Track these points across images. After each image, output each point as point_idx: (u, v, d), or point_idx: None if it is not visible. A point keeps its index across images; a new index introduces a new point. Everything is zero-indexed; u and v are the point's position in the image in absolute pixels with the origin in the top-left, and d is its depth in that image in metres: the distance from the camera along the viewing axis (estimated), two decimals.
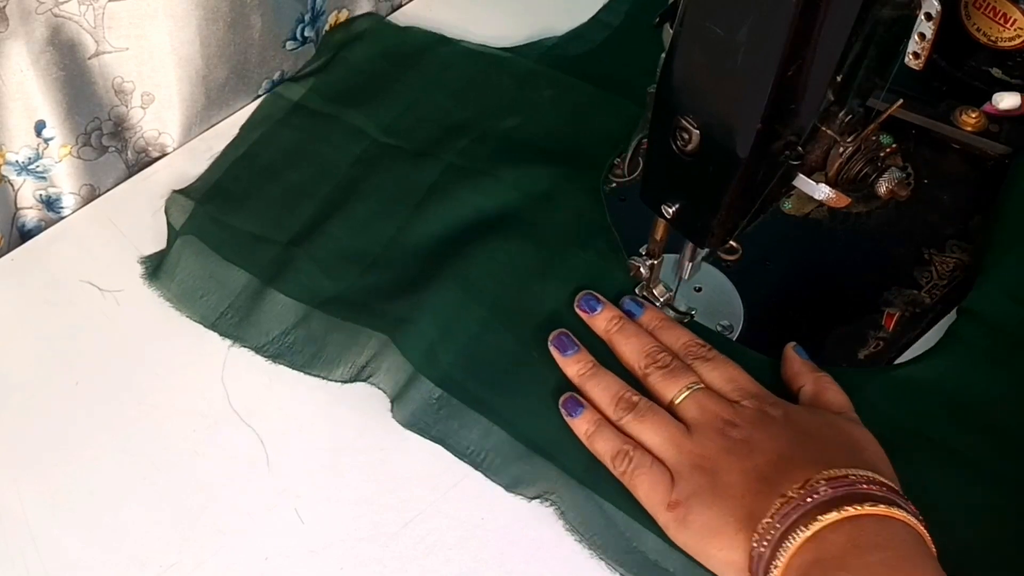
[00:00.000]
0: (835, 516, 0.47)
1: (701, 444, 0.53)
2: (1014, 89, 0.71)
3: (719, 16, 0.46)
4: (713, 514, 0.51)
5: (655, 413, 0.56)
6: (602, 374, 0.59)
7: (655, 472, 0.54)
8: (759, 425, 0.53)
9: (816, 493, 0.48)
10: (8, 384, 0.62)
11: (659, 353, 0.58)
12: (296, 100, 0.76)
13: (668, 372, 0.57)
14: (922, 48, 0.49)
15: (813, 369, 0.58)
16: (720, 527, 0.50)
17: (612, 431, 0.56)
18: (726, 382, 0.56)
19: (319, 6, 0.77)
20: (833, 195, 0.53)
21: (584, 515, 0.56)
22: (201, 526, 0.56)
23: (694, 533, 0.51)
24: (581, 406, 0.57)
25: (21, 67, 0.62)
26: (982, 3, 0.71)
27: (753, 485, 0.50)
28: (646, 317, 0.61)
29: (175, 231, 0.67)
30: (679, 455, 0.54)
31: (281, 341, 0.63)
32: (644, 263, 0.62)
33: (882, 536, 0.47)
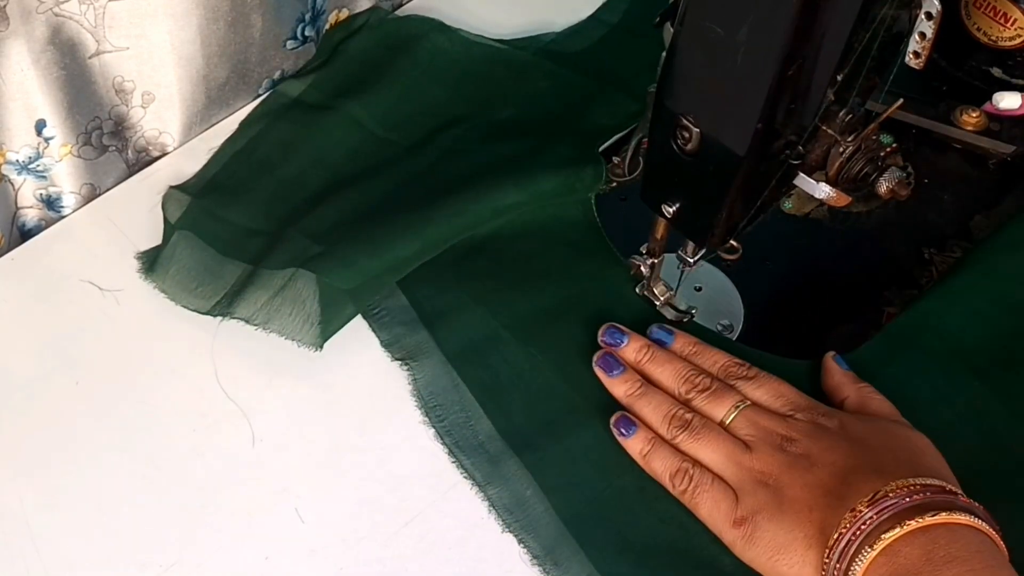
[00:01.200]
0: (906, 529, 0.46)
1: (761, 460, 0.52)
2: (1014, 89, 0.71)
3: (719, 15, 0.46)
4: (781, 530, 0.50)
5: (711, 430, 0.54)
6: (652, 392, 0.57)
7: (717, 490, 0.53)
8: (816, 437, 0.52)
9: (886, 506, 0.47)
10: (8, 384, 0.62)
11: (697, 377, 0.57)
12: (295, 96, 0.76)
13: (711, 394, 0.56)
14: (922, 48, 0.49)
15: (855, 380, 0.57)
16: (789, 543, 0.50)
17: (669, 449, 0.55)
18: (774, 398, 0.55)
19: (319, 5, 0.77)
20: (833, 194, 0.53)
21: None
22: (201, 526, 0.56)
23: (763, 550, 0.50)
24: (634, 425, 0.56)
25: (22, 66, 0.62)
26: (982, 3, 0.71)
27: (820, 499, 0.50)
28: (678, 344, 0.60)
29: (171, 226, 0.67)
30: (740, 471, 0.53)
31: (269, 306, 0.62)
32: (644, 262, 0.62)
33: (956, 547, 0.46)
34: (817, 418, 0.54)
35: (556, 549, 0.55)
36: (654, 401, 0.57)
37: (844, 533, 0.47)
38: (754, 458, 0.53)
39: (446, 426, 0.59)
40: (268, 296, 0.63)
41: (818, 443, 0.52)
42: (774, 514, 0.51)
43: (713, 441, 0.54)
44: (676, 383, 0.57)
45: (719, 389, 0.56)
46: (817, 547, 0.49)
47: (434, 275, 0.65)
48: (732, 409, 0.55)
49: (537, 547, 0.55)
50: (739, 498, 0.52)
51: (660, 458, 0.55)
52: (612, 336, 0.60)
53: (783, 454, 0.52)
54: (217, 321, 0.64)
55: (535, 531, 0.55)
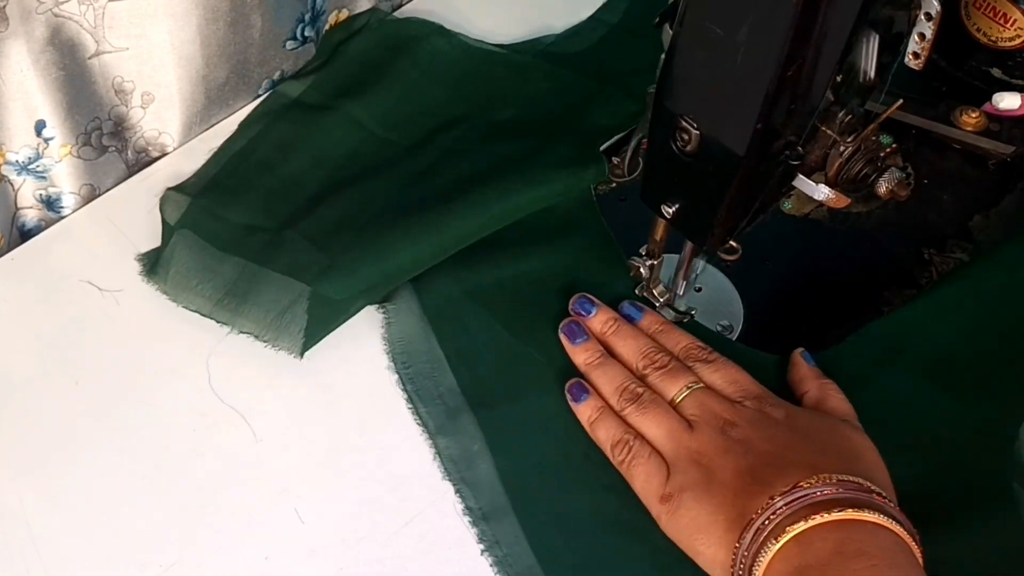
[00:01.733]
0: (812, 523, 0.46)
1: (699, 440, 0.53)
2: (1014, 89, 0.71)
3: (719, 15, 0.46)
4: (703, 510, 0.51)
5: (658, 406, 0.56)
6: (610, 364, 0.59)
7: (652, 463, 0.54)
8: (758, 425, 0.53)
9: (797, 497, 0.48)
10: (8, 384, 0.62)
11: (657, 354, 0.58)
12: (295, 97, 0.76)
13: (667, 372, 0.57)
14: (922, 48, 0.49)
15: (818, 375, 0.58)
16: (709, 524, 0.50)
17: (615, 420, 0.56)
18: (728, 383, 0.56)
19: (319, 5, 0.77)
20: (833, 195, 0.53)
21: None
22: (201, 526, 0.56)
23: (683, 527, 0.52)
24: (586, 392, 0.58)
25: (21, 67, 0.62)
26: (982, 3, 0.71)
27: (747, 486, 0.50)
28: (645, 321, 0.61)
29: (170, 227, 0.67)
30: (677, 449, 0.54)
31: (278, 323, 0.63)
32: (644, 263, 0.62)
33: (868, 544, 0.46)
34: (765, 407, 0.54)
35: (491, 508, 0.56)
36: (610, 372, 0.58)
37: (755, 520, 0.48)
38: (693, 438, 0.54)
39: (410, 374, 0.61)
40: (276, 314, 0.63)
41: (759, 431, 0.53)
42: (700, 494, 0.51)
43: (658, 416, 0.55)
44: (635, 358, 0.58)
45: (675, 368, 0.57)
46: (735, 531, 0.49)
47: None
48: (684, 389, 0.56)
49: (473, 503, 0.56)
50: (671, 474, 0.53)
51: (605, 427, 0.56)
52: (582, 305, 0.62)
53: (722, 437, 0.53)
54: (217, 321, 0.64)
55: (475, 487, 0.57)
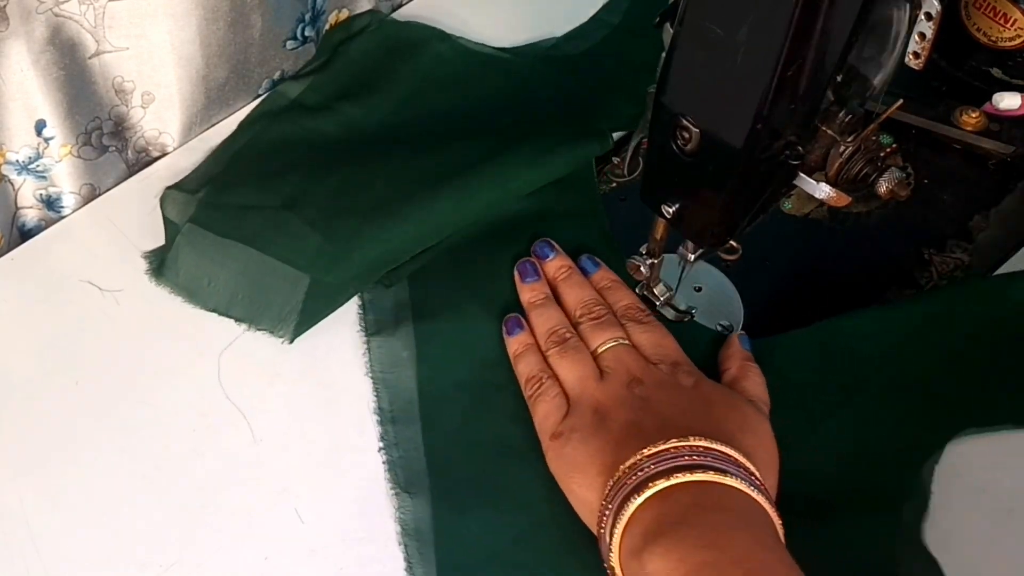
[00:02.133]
0: (681, 479, 0.48)
1: (604, 390, 0.56)
2: (1014, 89, 0.71)
3: (719, 16, 0.46)
4: (584, 451, 0.53)
5: (578, 352, 0.58)
6: (550, 306, 0.61)
7: (554, 402, 0.56)
8: (663, 388, 0.55)
9: (672, 457, 0.49)
10: (8, 384, 0.62)
11: (596, 306, 0.60)
12: (294, 97, 0.76)
13: (598, 323, 0.59)
14: (922, 48, 0.49)
15: (745, 357, 0.59)
16: (585, 465, 0.52)
17: (537, 358, 0.59)
18: (651, 345, 0.58)
19: (319, 5, 0.77)
20: (833, 195, 0.53)
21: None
22: (201, 526, 0.56)
23: (563, 464, 0.54)
24: (520, 328, 0.61)
25: (21, 66, 0.62)
26: (982, 3, 0.71)
27: (630, 439, 0.52)
28: (598, 275, 0.63)
29: (173, 224, 0.67)
30: (581, 394, 0.56)
31: (292, 319, 0.63)
32: (644, 263, 0.62)
33: (728, 501, 0.48)
34: (677, 373, 0.56)
35: (401, 413, 0.59)
36: (547, 314, 0.61)
37: (629, 471, 0.49)
38: (599, 387, 0.56)
39: (371, 295, 0.64)
40: (291, 308, 0.63)
41: (661, 393, 0.55)
42: (587, 437, 0.53)
43: (575, 362, 0.57)
44: (575, 306, 0.61)
45: (606, 322, 0.59)
46: (606, 476, 0.51)
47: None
48: (609, 341, 0.58)
49: (386, 404, 0.59)
50: (568, 415, 0.55)
51: (526, 361, 0.59)
52: (542, 248, 0.64)
53: (626, 391, 0.55)
54: (217, 320, 0.64)
55: (392, 390, 0.60)
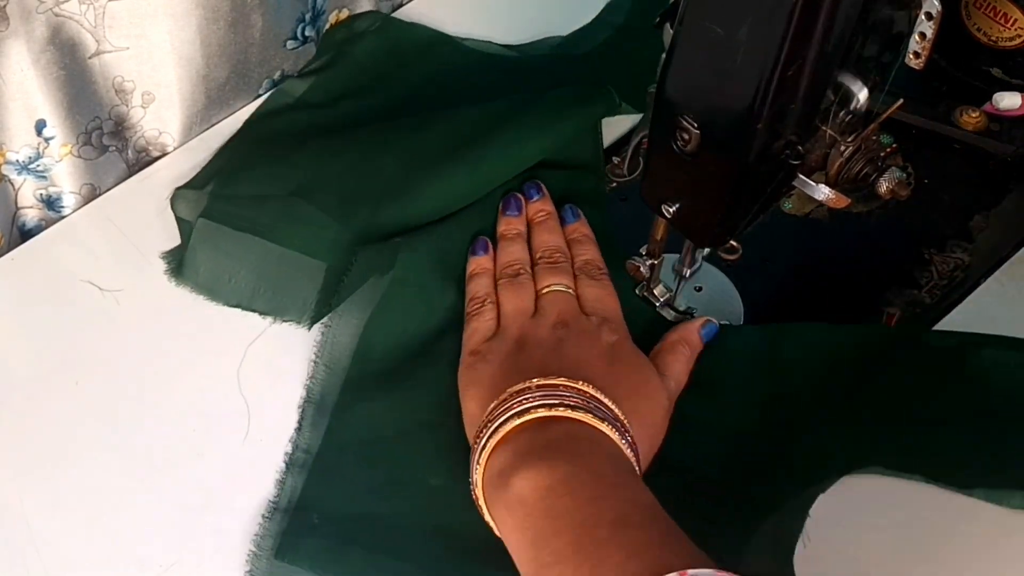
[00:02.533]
0: (564, 412, 0.51)
1: (531, 325, 0.59)
2: (1014, 89, 0.71)
3: (719, 16, 0.46)
4: (488, 372, 0.56)
5: (523, 288, 0.61)
6: (517, 242, 0.64)
7: (486, 324, 0.60)
8: (583, 337, 0.58)
9: (560, 394, 0.52)
10: (8, 384, 0.62)
11: (556, 252, 0.63)
12: (298, 95, 0.76)
13: (552, 267, 0.62)
14: (922, 48, 0.49)
15: (685, 340, 0.60)
16: (484, 382, 0.56)
17: (489, 281, 0.62)
18: (592, 299, 0.61)
19: (320, 5, 0.77)
20: (833, 195, 0.53)
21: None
22: (201, 526, 0.56)
23: (467, 378, 0.57)
24: (485, 252, 0.64)
25: (22, 66, 0.62)
26: (982, 3, 0.71)
27: (530, 370, 0.54)
28: (572, 226, 0.65)
29: (185, 222, 0.67)
30: (512, 324, 0.59)
31: (318, 310, 0.64)
32: (644, 263, 0.62)
33: (598, 440, 0.51)
34: (602, 328, 0.59)
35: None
36: (511, 248, 0.64)
37: (511, 396, 0.52)
38: (529, 322, 0.59)
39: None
40: (315, 298, 0.64)
41: (578, 341, 0.57)
42: (499, 361, 0.57)
43: (518, 295, 0.61)
44: (539, 249, 0.63)
45: (560, 269, 0.62)
46: (492, 395, 0.54)
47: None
48: (555, 285, 0.61)
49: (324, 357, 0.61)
50: (492, 339, 0.59)
51: (477, 283, 0.62)
52: (530, 188, 0.67)
53: (548, 331, 0.58)
54: (218, 320, 0.64)
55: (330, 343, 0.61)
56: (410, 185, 0.67)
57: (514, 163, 0.67)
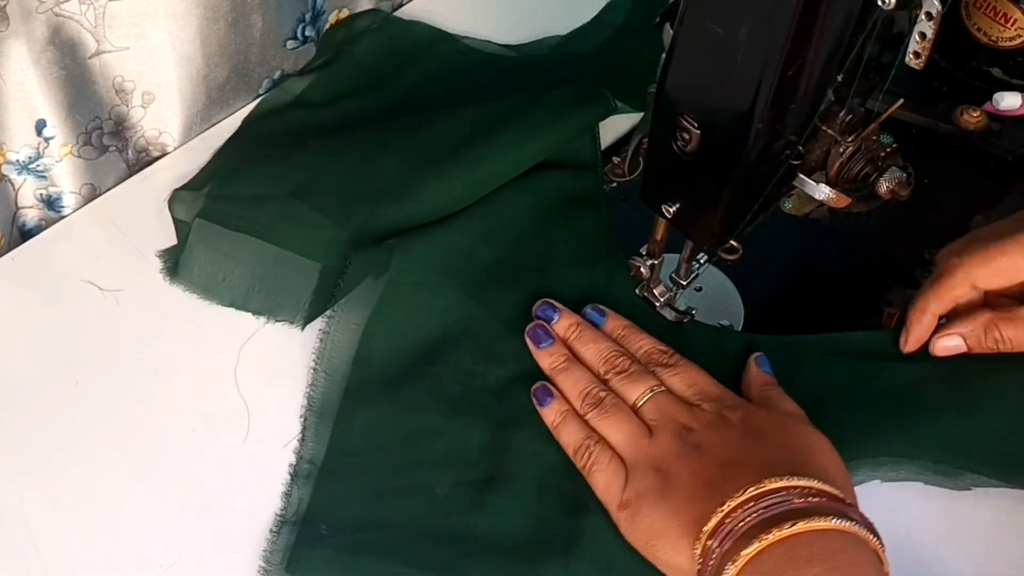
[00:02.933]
0: (770, 539, 0.46)
1: (657, 446, 0.54)
2: (1014, 89, 0.71)
3: (719, 16, 0.46)
4: (660, 515, 0.52)
5: (619, 411, 0.57)
6: (575, 367, 0.59)
7: (612, 468, 0.55)
8: (714, 428, 0.54)
9: (754, 512, 0.48)
10: (8, 384, 0.62)
11: (618, 358, 0.59)
12: (298, 93, 0.76)
13: (628, 376, 0.58)
14: (922, 48, 0.49)
15: (763, 379, 0.59)
16: (665, 529, 0.51)
17: (579, 424, 0.57)
18: (687, 386, 0.57)
19: (320, 5, 0.77)
20: (833, 195, 0.53)
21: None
22: (201, 526, 0.56)
23: (642, 533, 0.52)
24: (551, 396, 0.58)
25: (22, 66, 0.62)
26: (982, 3, 0.71)
27: (700, 490, 0.51)
28: (609, 325, 0.61)
29: (183, 223, 0.67)
30: (636, 454, 0.55)
31: (312, 310, 0.63)
32: (644, 263, 0.62)
33: (819, 547, 0.46)
34: (722, 410, 0.55)
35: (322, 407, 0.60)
36: (574, 376, 0.59)
37: (715, 537, 0.48)
38: (652, 443, 0.54)
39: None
40: (308, 297, 0.64)
41: (714, 434, 0.54)
42: (656, 499, 0.52)
43: (619, 421, 0.56)
44: (598, 362, 0.59)
45: (636, 372, 0.58)
46: (690, 536, 0.50)
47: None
48: (647, 392, 0.57)
49: (323, 364, 0.61)
50: (629, 480, 0.54)
51: (568, 431, 0.57)
52: (544, 312, 0.62)
53: (679, 441, 0.54)
54: (218, 320, 0.64)
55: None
56: (409, 186, 0.66)
57: (513, 164, 0.67)
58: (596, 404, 0.57)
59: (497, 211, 0.66)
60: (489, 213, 0.66)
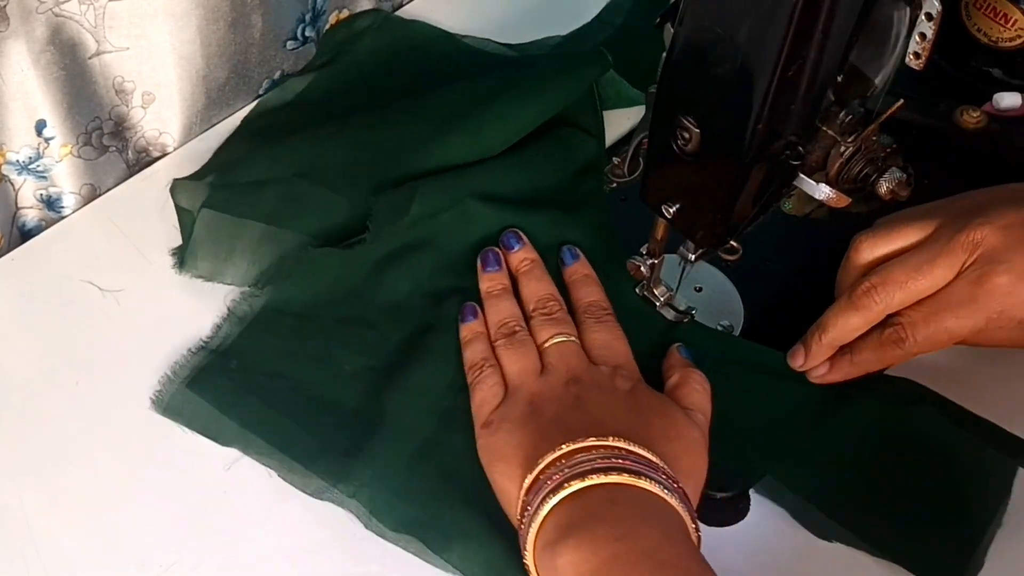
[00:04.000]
0: (599, 479, 0.49)
1: (541, 385, 0.57)
2: (1014, 89, 0.71)
3: (719, 16, 0.46)
4: (510, 443, 0.54)
5: (524, 346, 0.59)
6: (505, 298, 0.62)
7: (492, 390, 0.57)
8: (599, 389, 0.56)
9: (593, 457, 0.50)
10: (8, 384, 0.62)
11: (550, 302, 0.61)
12: (299, 91, 0.76)
13: (550, 319, 0.60)
14: (922, 48, 0.49)
15: (687, 364, 0.59)
16: (509, 456, 0.53)
17: (485, 346, 0.60)
18: (599, 345, 0.59)
19: (320, 5, 0.77)
20: (833, 195, 0.53)
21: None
22: (201, 526, 0.56)
23: (489, 453, 0.55)
24: (474, 316, 0.61)
25: (22, 66, 0.62)
26: (982, 3, 0.71)
27: (555, 436, 0.52)
28: (572, 267, 0.64)
29: (186, 211, 0.67)
30: (520, 386, 0.57)
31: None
32: (644, 263, 0.62)
33: (641, 500, 0.49)
34: (616, 376, 0.57)
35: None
36: (501, 305, 0.62)
37: (544, 472, 0.50)
38: (538, 381, 0.57)
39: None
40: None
41: (597, 394, 0.56)
42: (514, 428, 0.55)
43: (519, 355, 0.59)
44: (531, 301, 0.62)
45: (558, 318, 0.60)
46: (525, 469, 0.52)
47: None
48: (558, 336, 0.59)
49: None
50: (502, 404, 0.57)
51: (472, 349, 0.60)
52: (509, 239, 0.64)
53: (562, 388, 0.56)
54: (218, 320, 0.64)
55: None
56: (410, 158, 0.67)
57: (513, 127, 0.68)
58: (508, 335, 0.60)
59: (499, 179, 0.67)
60: (496, 176, 0.67)
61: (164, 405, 0.60)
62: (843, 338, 0.58)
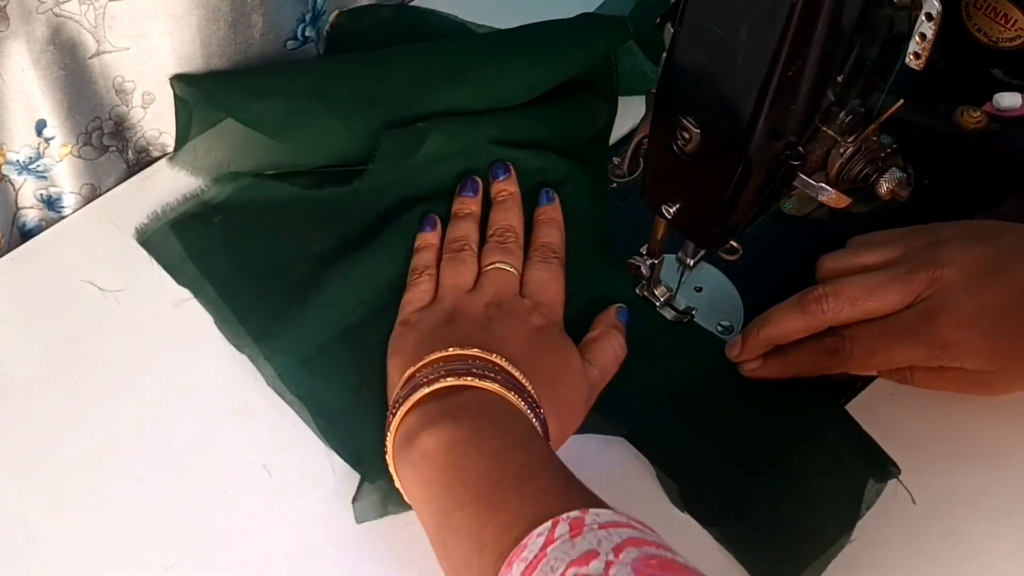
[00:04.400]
0: (471, 382, 0.52)
1: (464, 301, 0.60)
2: (1015, 89, 0.71)
3: (719, 16, 0.46)
4: (413, 341, 0.58)
5: (464, 265, 0.62)
6: (468, 221, 0.64)
7: (422, 295, 0.61)
8: (514, 318, 0.59)
9: (472, 365, 0.53)
10: (8, 384, 0.62)
11: (508, 232, 0.63)
12: None
13: (500, 246, 0.63)
14: (922, 48, 0.49)
15: (612, 324, 0.61)
16: (407, 351, 0.57)
17: (432, 256, 0.63)
18: (534, 282, 0.61)
19: (320, 5, 0.77)
20: (833, 195, 0.53)
21: None
22: (201, 526, 0.56)
23: (394, 346, 0.59)
24: (431, 228, 0.65)
25: (22, 66, 0.62)
26: (983, 3, 0.71)
27: (448, 340, 0.56)
28: (544, 208, 0.66)
29: (184, 102, 0.69)
30: (447, 297, 0.60)
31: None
32: (644, 263, 0.62)
33: (508, 411, 0.52)
34: (534, 311, 0.60)
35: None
36: (460, 225, 0.64)
37: (425, 366, 0.54)
38: (463, 297, 0.60)
39: None
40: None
41: (509, 322, 0.58)
42: (424, 330, 0.58)
43: (457, 272, 0.62)
44: (494, 228, 0.64)
45: (508, 249, 0.63)
46: (410, 365, 0.55)
47: None
48: (499, 263, 0.62)
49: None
50: (425, 308, 0.60)
51: (420, 256, 0.63)
52: (497, 169, 0.67)
53: (481, 308, 0.59)
54: None
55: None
56: (425, 99, 0.67)
57: (532, 81, 0.68)
58: (456, 251, 0.63)
59: (514, 130, 0.68)
60: (507, 131, 0.68)
61: (144, 237, 0.66)
62: (781, 337, 0.59)
